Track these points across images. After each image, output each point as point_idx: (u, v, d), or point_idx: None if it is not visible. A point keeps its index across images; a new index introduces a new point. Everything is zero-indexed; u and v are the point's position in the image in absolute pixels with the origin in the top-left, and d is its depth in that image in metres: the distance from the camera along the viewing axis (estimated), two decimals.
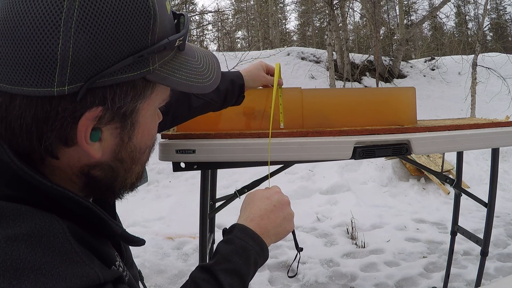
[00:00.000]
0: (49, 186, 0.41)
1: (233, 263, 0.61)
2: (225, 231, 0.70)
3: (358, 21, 20.07)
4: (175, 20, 0.48)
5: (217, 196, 2.03)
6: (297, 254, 0.81)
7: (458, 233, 2.20)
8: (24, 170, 0.40)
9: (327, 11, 10.30)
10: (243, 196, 1.62)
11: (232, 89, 1.11)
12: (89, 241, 0.43)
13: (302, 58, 11.13)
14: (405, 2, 13.66)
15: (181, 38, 0.46)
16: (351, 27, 19.61)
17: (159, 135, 1.19)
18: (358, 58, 10.99)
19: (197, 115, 1.12)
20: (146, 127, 0.48)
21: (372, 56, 10.22)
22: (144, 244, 0.52)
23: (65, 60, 0.37)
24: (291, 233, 0.75)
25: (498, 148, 1.75)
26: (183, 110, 1.06)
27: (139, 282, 0.64)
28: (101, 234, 0.48)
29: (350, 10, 12.03)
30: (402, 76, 10.64)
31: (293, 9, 22.49)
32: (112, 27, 0.38)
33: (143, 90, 0.44)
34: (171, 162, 1.29)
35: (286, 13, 22.78)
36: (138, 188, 0.55)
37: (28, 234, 0.37)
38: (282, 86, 1.28)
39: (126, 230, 0.51)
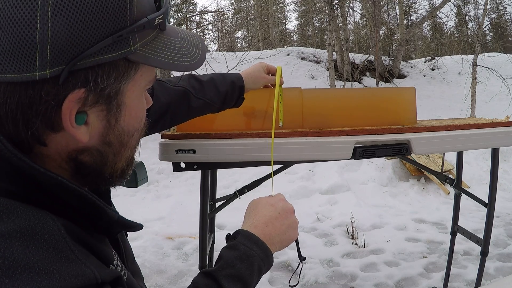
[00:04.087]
0: (42, 172, 0.40)
1: (236, 269, 0.60)
2: (228, 237, 0.69)
3: (358, 21, 20.07)
4: (156, 2, 0.48)
5: (217, 196, 2.03)
6: (299, 263, 0.81)
7: (458, 233, 2.20)
8: (18, 156, 0.39)
9: (327, 11, 10.30)
10: (243, 196, 1.62)
11: (232, 91, 1.09)
12: (85, 239, 0.43)
13: (302, 58, 11.12)
14: (405, 2, 13.65)
15: (160, 17, 0.45)
16: (351, 27, 19.62)
17: (159, 135, 1.19)
18: (358, 58, 10.99)
19: (196, 116, 1.12)
20: (133, 109, 0.47)
21: (372, 56, 10.21)
22: (141, 228, 0.52)
23: (44, 44, 0.37)
24: (294, 241, 0.74)
25: (498, 148, 1.75)
26: (182, 110, 1.05)
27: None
28: (98, 227, 0.47)
29: (350, 10, 12.03)
30: (402, 76, 10.64)
31: (293, 9, 22.51)
32: (89, 8, 0.38)
33: (126, 70, 0.44)
34: (171, 162, 1.29)
35: (286, 13, 22.80)
36: (138, 187, 0.55)
37: (21, 231, 0.36)
38: (282, 86, 1.28)
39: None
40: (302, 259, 0.79)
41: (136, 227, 0.51)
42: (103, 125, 0.45)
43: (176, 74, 7.32)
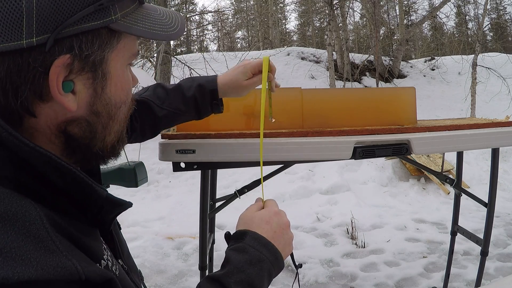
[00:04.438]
0: (31, 147, 0.40)
1: (246, 274, 0.57)
2: (229, 236, 0.66)
3: (358, 21, 20.07)
4: None
5: (217, 196, 2.03)
6: (296, 273, 0.79)
7: (458, 233, 2.20)
8: (8, 130, 0.40)
9: (327, 11, 10.30)
10: (243, 196, 1.62)
11: (201, 96, 0.96)
12: (71, 232, 0.42)
13: (302, 58, 11.13)
14: (405, 2, 13.66)
15: None
16: (351, 27, 19.62)
17: (158, 135, 1.18)
18: (358, 58, 10.99)
19: (169, 126, 1.04)
20: (118, 80, 0.49)
21: (372, 56, 10.21)
22: (131, 205, 0.52)
23: (30, 12, 0.39)
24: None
25: (498, 148, 1.75)
26: (149, 122, 0.98)
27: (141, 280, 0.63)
28: (88, 216, 0.47)
29: (350, 10, 12.03)
30: (402, 76, 10.64)
31: (293, 9, 22.50)
32: None
33: (108, 39, 0.45)
34: (171, 162, 1.29)
35: (286, 13, 22.80)
36: (138, 187, 0.55)
37: (1, 215, 0.35)
38: (281, 86, 1.26)
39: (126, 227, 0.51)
40: (298, 266, 0.77)
41: (125, 204, 0.51)
42: (90, 93, 0.46)
43: (142, 85, 7.30)
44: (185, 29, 0.56)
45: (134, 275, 0.61)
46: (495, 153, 1.77)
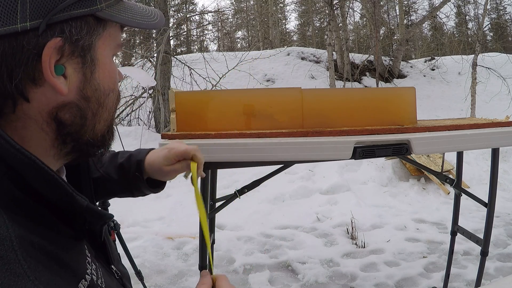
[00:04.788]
0: (17, 148, 0.41)
1: None
2: None
3: (358, 21, 20.08)
4: None
5: (217, 196, 2.03)
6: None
7: (458, 233, 2.20)
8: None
9: (327, 11, 10.30)
10: (243, 196, 1.62)
11: (128, 164, 0.86)
12: (50, 251, 0.41)
13: (302, 58, 11.13)
14: (405, 2, 13.66)
15: None
16: (351, 27, 19.62)
17: (159, 135, 1.18)
18: (358, 58, 11.00)
19: (106, 196, 0.96)
20: (106, 67, 0.51)
21: (372, 56, 10.21)
22: (111, 218, 0.52)
23: None
24: None
25: (498, 148, 1.75)
26: (87, 183, 0.94)
27: (140, 281, 0.63)
28: (72, 223, 0.47)
29: (350, 10, 12.03)
30: (402, 76, 10.64)
31: (293, 9, 22.51)
32: None
33: (95, 26, 0.49)
34: None
35: (286, 13, 22.80)
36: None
37: None
38: (281, 86, 1.26)
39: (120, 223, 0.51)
40: None
41: (104, 216, 0.51)
42: (80, 78, 0.48)
43: (143, 85, 7.28)
44: (164, 22, 0.59)
45: (125, 280, 0.62)
46: (495, 153, 1.77)
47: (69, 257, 0.45)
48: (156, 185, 0.90)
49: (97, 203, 0.81)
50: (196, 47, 21.41)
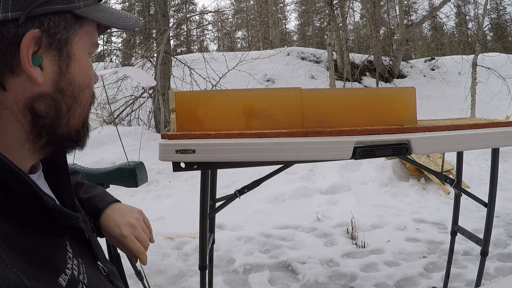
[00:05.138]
0: None
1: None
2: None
3: (358, 21, 20.07)
4: None
5: (217, 196, 2.03)
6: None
7: (458, 233, 2.20)
8: None
9: (327, 11, 10.30)
10: (243, 196, 1.62)
11: (87, 204, 0.82)
12: (27, 247, 0.43)
13: (302, 58, 11.13)
14: (405, 2, 13.66)
15: None
16: (351, 27, 19.61)
17: (159, 135, 1.18)
18: (358, 58, 11.00)
19: None
20: (82, 63, 0.53)
21: (372, 56, 10.21)
22: (78, 218, 0.51)
23: None
24: None
25: (498, 148, 1.75)
26: None
27: (144, 280, 0.63)
28: (54, 227, 0.48)
29: (350, 10, 12.03)
30: (402, 76, 10.65)
31: (293, 9, 22.51)
32: None
33: (72, 22, 0.51)
34: (171, 162, 1.29)
35: (286, 13, 22.80)
36: (138, 187, 0.56)
37: None
38: (281, 86, 1.26)
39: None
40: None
41: (71, 217, 0.51)
42: (55, 70, 0.50)
43: (143, 85, 7.29)
44: (138, 25, 0.62)
45: (113, 277, 0.63)
46: (495, 153, 1.77)
47: (47, 252, 0.46)
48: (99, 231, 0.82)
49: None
50: (196, 47, 21.41)
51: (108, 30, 0.64)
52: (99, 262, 0.60)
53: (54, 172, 0.62)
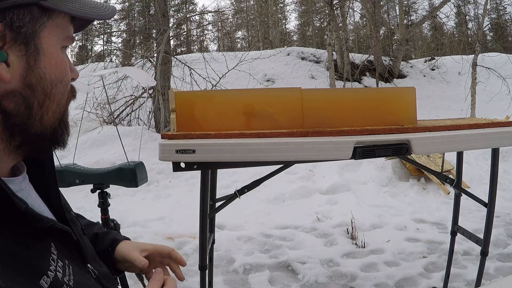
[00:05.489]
0: None
1: None
2: None
3: (358, 21, 20.07)
4: None
5: (217, 196, 2.03)
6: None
7: (458, 233, 2.20)
8: None
9: (327, 11, 10.30)
10: (243, 196, 1.62)
11: (103, 237, 0.81)
12: (6, 250, 0.42)
13: (302, 58, 11.13)
14: (405, 2, 13.66)
15: None
16: (351, 27, 19.61)
17: (159, 135, 1.18)
18: (358, 58, 11.00)
19: None
20: (52, 57, 0.51)
21: (372, 56, 10.21)
22: (50, 222, 0.50)
23: None
24: None
25: (498, 148, 1.75)
26: None
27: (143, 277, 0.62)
28: (38, 229, 0.47)
29: (350, 10, 12.03)
30: (402, 76, 10.64)
31: (293, 9, 22.51)
32: None
33: (39, 15, 0.49)
34: (171, 162, 1.29)
35: (286, 13, 22.80)
36: (138, 187, 0.55)
37: None
38: (281, 86, 1.26)
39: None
40: None
41: (42, 221, 0.48)
42: (23, 65, 0.48)
43: (143, 85, 7.27)
44: (115, 14, 0.59)
45: (105, 280, 0.61)
46: (495, 153, 1.77)
47: (30, 254, 0.45)
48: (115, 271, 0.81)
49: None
50: (196, 47, 21.42)
51: (95, 25, 0.61)
52: (89, 265, 0.59)
53: (40, 174, 0.59)
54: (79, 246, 0.58)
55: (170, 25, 7.93)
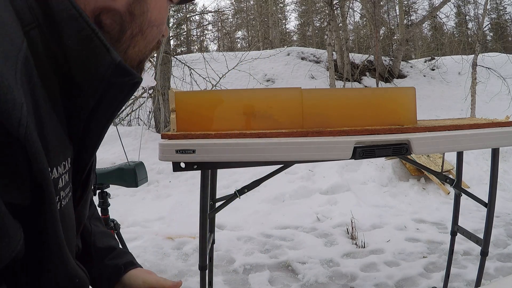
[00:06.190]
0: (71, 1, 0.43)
1: None
2: None
3: (358, 21, 20.08)
4: None
5: (217, 196, 2.03)
6: None
7: (458, 233, 2.20)
8: None
9: (327, 11, 10.30)
10: (243, 196, 1.62)
11: (119, 253, 0.77)
12: (47, 109, 0.43)
13: (302, 58, 11.13)
14: (405, 2, 13.66)
15: None
16: (351, 27, 19.62)
17: (159, 135, 1.18)
18: (358, 58, 11.00)
19: None
20: (158, 1, 0.53)
21: (372, 56, 10.21)
22: (139, 77, 0.52)
23: None
24: None
25: (498, 148, 1.75)
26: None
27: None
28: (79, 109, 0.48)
29: (350, 10, 12.03)
30: (402, 76, 10.65)
31: (293, 9, 22.51)
32: None
33: None
34: (171, 162, 1.29)
35: (286, 13, 22.80)
36: (138, 187, 0.55)
37: None
38: (281, 86, 1.26)
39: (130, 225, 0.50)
40: None
41: (134, 75, 0.50)
42: None
43: (143, 85, 7.26)
44: None
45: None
46: (495, 153, 1.77)
47: (62, 134, 0.46)
48: None
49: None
50: (196, 47, 21.42)
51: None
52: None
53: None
54: (87, 182, 0.57)
55: (170, 25, 7.93)
